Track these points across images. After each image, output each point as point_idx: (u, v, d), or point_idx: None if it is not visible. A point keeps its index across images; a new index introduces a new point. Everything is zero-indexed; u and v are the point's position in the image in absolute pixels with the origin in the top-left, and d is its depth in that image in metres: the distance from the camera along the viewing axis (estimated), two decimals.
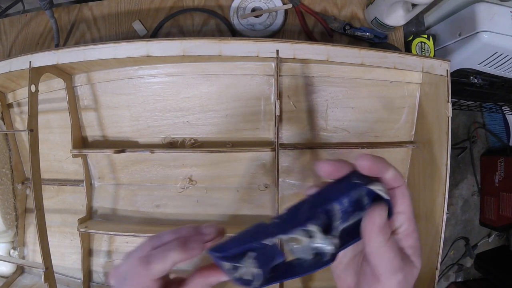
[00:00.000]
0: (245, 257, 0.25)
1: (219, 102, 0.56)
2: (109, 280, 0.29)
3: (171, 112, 0.56)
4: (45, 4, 0.56)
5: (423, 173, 0.54)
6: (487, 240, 1.19)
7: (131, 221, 0.58)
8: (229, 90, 0.55)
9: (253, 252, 0.25)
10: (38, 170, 0.48)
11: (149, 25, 0.64)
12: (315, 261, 0.26)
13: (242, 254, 0.25)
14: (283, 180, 0.57)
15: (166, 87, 0.55)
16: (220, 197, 0.57)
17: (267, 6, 0.63)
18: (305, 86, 0.55)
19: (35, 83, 0.49)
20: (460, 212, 1.17)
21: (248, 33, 0.62)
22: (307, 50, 0.47)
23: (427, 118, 0.54)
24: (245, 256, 0.25)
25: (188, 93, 0.55)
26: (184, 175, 0.57)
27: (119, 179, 0.59)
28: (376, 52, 0.48)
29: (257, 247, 0.25)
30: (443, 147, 0.48)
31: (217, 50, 0.46)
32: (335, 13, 0.65)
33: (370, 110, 0.57)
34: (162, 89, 0.55)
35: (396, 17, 0.60)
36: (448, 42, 0.68)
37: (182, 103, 0.56)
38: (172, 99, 0.56)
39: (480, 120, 1.19)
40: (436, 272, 0.48)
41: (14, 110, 0.61)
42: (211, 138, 0.56)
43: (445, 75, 0.49)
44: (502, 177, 1.08)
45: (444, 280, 1.20)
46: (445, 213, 0.48)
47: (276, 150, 0.48)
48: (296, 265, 0.27)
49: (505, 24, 0.59)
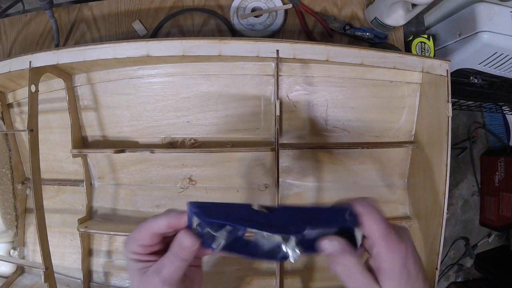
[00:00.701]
0: (223, 229, 0.27)
1: (219, 102, 0.56)
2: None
3: (171, 112, 0.56)
4: (45, 4, 0.56)
5: (423, 173, 0.54)
6: (487, 240, 1.19)
7: (131, 221, 0.58)
8: (229, 90, 0.55)
9: (230, 228, 0.27)
10: (38, 170, 0.48)
11: (149, 25, 0.64)
12: (269, 253, 0.28)
13: (221, 226, 0.27)
14: (283, 180, 0.57)
15: (166, 87, 0.55)
16: (220, 197, 0.57)
17: (267, 6, 0.63)
18: (305, 86, 0.55)
19: (35, 83, 0.49)
20: (460, 212, 1.17)
21: (248, 33, 0.62)
22: (307, 50, 0.47)
23: (427, 118, 0.54)
24: (222, 228, 0.27)
25: (188, 93, 0.55)
26: (184, 175, 0.57)
27: (119, 179, 0.59)
28: (376, 52, 0.48)
29: (237, 227, 0.27)
30: (443, 147, 0.48)
31: (217, 50, 0.46)
32: (335, 13, 0.65)
33: (370, 110, 0.57)
34: (162, 89, 0.55)
35: (396, 17, 0.60)
36: (448, 42, 0.68)
37: (182, 103, 0.56)
38: (172, 99, 0.56)
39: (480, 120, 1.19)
40: (436, 272, 0.48)
41: (14, 110, 0.61)
42: (211, 138, 0.56)
43: (445, 75, 0.49)
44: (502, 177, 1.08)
45: (444, 280, 1.20)
46: (445, 213, 0.48)
47: (276, 150, 0.48)
48: (253, 247, 0.29)
49: (505, 24, 0.59)
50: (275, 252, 0.28)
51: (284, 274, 0.55)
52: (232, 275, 0.57)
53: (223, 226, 0.27)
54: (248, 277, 0.57)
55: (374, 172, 0.58)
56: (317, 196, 0.57)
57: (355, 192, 0.58)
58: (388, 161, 0.58)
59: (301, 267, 0.57)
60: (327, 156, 0.57)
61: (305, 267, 0.57)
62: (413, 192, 0.57)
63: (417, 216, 0.55)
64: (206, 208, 0.27)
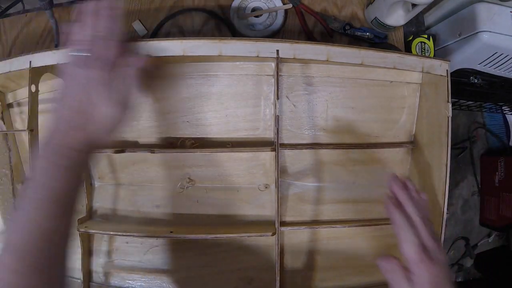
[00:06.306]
0: None
1: (219, 102, 0.56)
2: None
3: (171, 112, 0.56)
4: (45, 4, 0.56)
5: (423, 173, 0.54)
6: (487, 240, 1.19)
7: (131, 221, 0.58)
8: (229, 90, 0.55)
9: None
10: None
11: (149, 25, 0.64)
12: None
13: None
14: (283, 180, 0.57)
15: (166, 87, 0.55)
16: (220, 197, 0.57)
17: (267, 6, 0.63)
18: (305, 86, 0.55)
19: (35, 83, 0.49)
20: (460, 212, 1.17)
21: (248, 33, 0.62)
22: (307, 50, 0.47)
23: (427, 118, 0.54)
24: None
25: (188, 93, 0.55)
26: (184, 175, 0.57)
27: (119, 179, 0.59)
28: (376, 52, 0.48)
29: None
30: (443, 147, 0.48)
31: (217, 50, 0.46)
32: (335, 13, 0.65)
33: (370, 110, 0.57)
34: (162, 89, 0.55)
35: (396, 17, 0.60)
36: (448, 42, 0.68)
37: (182, 103, 0.56)
38: (172, 99, 0.56)
39: (480, 120, 1.19)
40: None
41: (14, 110, 0.61)
42: (211, 138, 0.56)
43: (445, 75, 0.49)
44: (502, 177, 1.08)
45: None
46: (445, 213, 0.48)
47: (276, 150, 0.48)
48: None
49: (505, 24, 0.59)
50: None
51: (284, 274, 0.55)
52: (232, 275, 0.57)
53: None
54: (248, 277, 0.57)
55: (374, 172, 0.58)
56: (317, 196, 0.57)
57: (355, 192, 0.58)
58: (388, 161, 0.58)
59: (301, 267, 0.57)
60: (327, 156, 0.57)
61: (305, 267, 0.57)
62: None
63: None
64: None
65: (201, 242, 0.56)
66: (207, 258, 0.57)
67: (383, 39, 0.63)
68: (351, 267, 0.57)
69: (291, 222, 0.57)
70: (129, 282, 0.57)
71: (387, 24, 0.61)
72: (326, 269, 0.57)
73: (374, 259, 0.40)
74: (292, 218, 0.57)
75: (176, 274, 0.57)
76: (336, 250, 0.57)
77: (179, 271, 0.57)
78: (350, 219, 0.57)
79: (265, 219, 0.57)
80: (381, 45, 0.63)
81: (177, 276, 0.57)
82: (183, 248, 0.57)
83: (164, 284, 0.57)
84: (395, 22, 0.60)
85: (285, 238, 0.56)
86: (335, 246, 0.57)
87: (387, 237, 0.57)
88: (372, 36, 0.63)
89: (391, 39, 0.65)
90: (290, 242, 0.56)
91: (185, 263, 0.57)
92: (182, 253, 0.57)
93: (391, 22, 0.60)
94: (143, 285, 0.57)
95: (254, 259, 0.56)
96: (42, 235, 0.31)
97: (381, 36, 0.63)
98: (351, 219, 0.57)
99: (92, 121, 0.35)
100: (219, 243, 0.56)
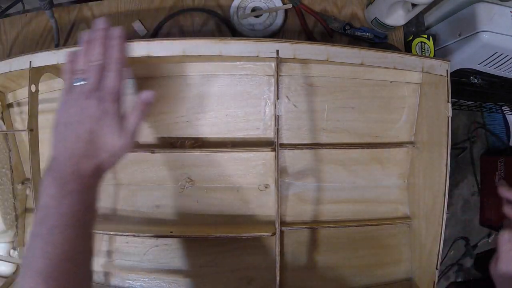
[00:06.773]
0: None
1: (219, 102, 0.56)
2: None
3: (171, 112, 0.56)
4: (45, 4, 0.56)
5: (423, 173, 0.54)
6: (487, 240, 1.19)
7: (131, 221, 0.58)
8: (229, 90, 0.55)
9: None
10: (38, 170, 0.48)
11: (149, 25, 0.64)
12: None
13: None
14: (283, 180, 0.57)
15: (166, 87, 0.55)
16: (220, 197, 0.57)
17: (267, 6, 0.63)
18: (305, 86, 0.55)
19: (35, 83, 0.49)
20: (460, 212, 1.17)
21: (248, 33, 0.62)
22: (307, 50, 0.47)
23: (427, 118, 0.54)
24: None
25: (188, 93, 0.55)
26: (184, 175, 0.57)
27: (119, 179, 0.59)
28: (376, 52, 0.48)
29: None
30: (443, 147, 0.48)
31: (217, 50, 0.46)
32: (335, 13, 0.65)
33: (370, 110, 0.57)
34: (162, 89, 0.55)
35: (396, 17, 0.60)
36: (448, 42, 0.68)
37: (182, 103, 0.56)
38: (172, 99, 0.56)
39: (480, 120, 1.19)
40: (436, 272, 0.48)
41: (14, 110, 0.61)
42: (211, 138, 0.56)
43: (445, 75, 0.49)
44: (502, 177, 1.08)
45: (444, 280, 1.20)
46: (445, 213, 0.48)
47: (276, 150, 0.48)
48: None
49: (505, 24, 0.59)
50: None
51: (284, 274, 0.55)
52: (232, 275, 0.57)
53: None
54: (248, 277, 0.57)
55: (374, 172, 0.58)
56: (317, 196, 0.57)
57: (355, 192, 0.58)
58: (388, 161, 0.58)
59: (301, 267, 0.57)
60: (327, 156, 0.57)
61: (305, 267, 0.57)
62: (413, 192, 0.57)
63: (417, 216, 0.55)
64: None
65: (201, 242, 0.56)
66: (207, 258, 0.57)
67: (383, 39, 0.63)
68: (351, 267, 0.57)
69: (291, 222, 0.57)
70: (129, 282, 0.57)
71: (387, 24, 0.61)
72: (326, 269, 0.57)
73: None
74: (292, 218, 0.57)
75: (176, 274, 0.57)
76: (336, 250, 0.57)
77: (179, 271, 0.57)
78: (350, 219, 0.57)
79: (265, 219, 0.57)
80: (381, 45, 0.63)
81: (177, 276, 0.57)
82: (183, 248, 0.57)
83: (164, 284, 0.57)
84: (395, 22, 0.60)
85: (285, 238, 0.56)
86: (335, 246, 0.57)
87: (387, 237, 0.57)
88: (372, 36, 0.63)
89: (391, 39, 0.65)
90: (290, 242, 0.56)
91: (185, 263, 0.57)
92: (182, 253, 0.57)
93: (391, 22, 0.60)
94: (143, 285, 0.57)
95: (254, 259, 0.56)
96: (64, 257, 0.31)
97: (381, 36, 0.63)
98: (351, 219, 0.57)
99: (105, 150, 0.35)
100: (219, 243, 0.56)
